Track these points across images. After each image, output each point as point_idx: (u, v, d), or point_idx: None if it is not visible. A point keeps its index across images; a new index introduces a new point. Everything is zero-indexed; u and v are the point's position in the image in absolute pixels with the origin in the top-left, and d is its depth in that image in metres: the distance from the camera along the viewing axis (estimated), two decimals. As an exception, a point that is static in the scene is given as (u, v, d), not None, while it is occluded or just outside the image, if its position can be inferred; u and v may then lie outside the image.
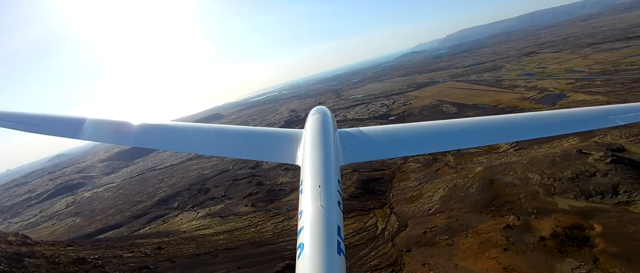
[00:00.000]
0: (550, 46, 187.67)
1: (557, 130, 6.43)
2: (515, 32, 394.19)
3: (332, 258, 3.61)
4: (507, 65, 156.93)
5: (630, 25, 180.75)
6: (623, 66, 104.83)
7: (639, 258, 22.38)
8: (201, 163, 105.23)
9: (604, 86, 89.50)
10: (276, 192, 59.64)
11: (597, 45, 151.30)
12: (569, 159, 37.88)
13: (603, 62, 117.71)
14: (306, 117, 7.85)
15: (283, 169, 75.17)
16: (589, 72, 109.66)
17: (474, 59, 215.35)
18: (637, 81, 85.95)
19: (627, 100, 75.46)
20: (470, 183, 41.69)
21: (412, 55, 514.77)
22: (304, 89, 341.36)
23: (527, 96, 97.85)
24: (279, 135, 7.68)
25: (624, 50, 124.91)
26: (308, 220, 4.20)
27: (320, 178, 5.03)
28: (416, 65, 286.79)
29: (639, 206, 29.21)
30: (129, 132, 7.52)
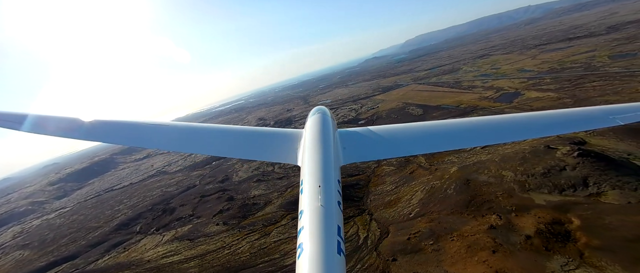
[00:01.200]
0: (501, 48, 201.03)
1: (557, 130, 6.43)
2: (467, 37, 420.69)
3: (332, 258, 3.58)
4: (464, 67, 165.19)
5: (570, 28, 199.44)
6: (568, 64, 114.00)
7: (621, 249, 22.81)
8: (164, 180, 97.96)
9: (553, 83, 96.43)
10: (249, 207, 56.15)
11: (542, 46, 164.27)
12: (538, 155, 39.13)
13: (550, 61, 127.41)
14: (305, 117, 7.91)
15: (255, 181, 71.73)
16: (538, 71, 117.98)
17: (433, 63, 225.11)
18: (582, 77, 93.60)
19: (576, 94, 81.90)
20: (448, 185, 41.69)
21: (374, 60, 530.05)
22: (271, 97, 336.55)
23: (485, 95, 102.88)
24: (279, 135, 7.63)
25: (567, 50, 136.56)
26: (308, 220, 4.17)
27: (320, 178, 5.01)
28: (380, 69, 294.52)
29: (609, 197, 30.38)
30: (129, 132, 7.50)
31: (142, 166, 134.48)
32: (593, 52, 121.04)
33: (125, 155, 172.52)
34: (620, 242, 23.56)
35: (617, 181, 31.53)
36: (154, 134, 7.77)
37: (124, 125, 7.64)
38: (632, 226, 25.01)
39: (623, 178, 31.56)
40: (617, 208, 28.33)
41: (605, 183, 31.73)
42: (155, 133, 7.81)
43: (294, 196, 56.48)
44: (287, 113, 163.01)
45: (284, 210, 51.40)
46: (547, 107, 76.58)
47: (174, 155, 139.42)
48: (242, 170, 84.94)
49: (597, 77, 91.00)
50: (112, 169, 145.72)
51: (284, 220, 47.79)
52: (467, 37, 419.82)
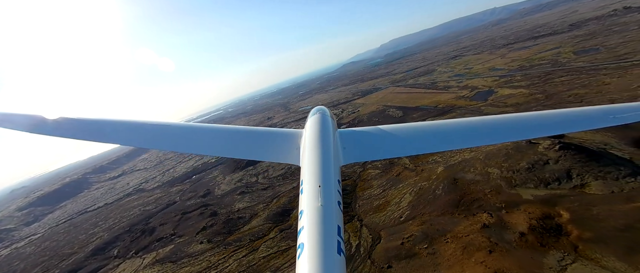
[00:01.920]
0: (472, 49, 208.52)
1: (557, 129, 6.42)
2: (439, 39, 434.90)
3: (332, 258, 3.57)
4: (439, 69, 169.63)
5: (534, 27, 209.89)
6: (536, 61, 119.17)
7: (613, 240, 23.03)
8: (142, 198, 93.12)
9: (524, 80, 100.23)
10: (234, 221, 53.78)
11: (511, 45, 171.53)
12: (521, 150, 39.76)
13: (518, 59, 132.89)
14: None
15: (238, 193, 69.34)
16: (509, 68, 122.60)
17: (409, 65, 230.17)
18: (550, 73, 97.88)
19: (546, 89, 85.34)
20: (436, 185, 41.55)
21: (352, 65, 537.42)
22: (250, 105, 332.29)
23: (461, 95, 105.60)
24: (279, 135, 7.61)
25: (534, 48, 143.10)
26: (308, 220, 4.17)
27: (320, 178, 5.03)
28: (357, 74, 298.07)
29: (592, 187, 31.02)
30: (129, 133, 7.50)
31: (117, 184, 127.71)
32: (558, 49, 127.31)
33: (99, 174, 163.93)
34: (611, 232, 23.82)
35: (598, 172, 32.33)
36: (154, 134, 7.74)
37: (124, 125, 7.67)
38: (619, 215, 25.44)
39: (604, 169, 32.41)
40: (602, 199, 28.89)
41: (588, 175, 32.45)
42: (155, 133, 7.76)
43: (281, 207, 54.81)
44: (267, 121, 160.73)
45: (271, 222, 49.55)
46: (521, 102, 79.45)
47: (151, 171, 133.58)
48: (224, 182, 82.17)
49: (564, 72, 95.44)
50: (85, 190, 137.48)
51: (271, 233, 45.94)
52: (439, 39, 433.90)
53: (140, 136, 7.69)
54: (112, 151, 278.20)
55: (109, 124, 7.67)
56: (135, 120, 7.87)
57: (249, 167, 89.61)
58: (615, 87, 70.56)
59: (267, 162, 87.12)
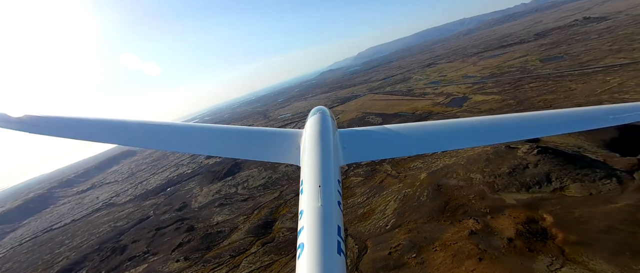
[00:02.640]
0: (445, 57, 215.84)
1: (557, 130, 6.46)
2: (413, 48, 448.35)
3: (332, 258, 3.58)
4: (415, 76, 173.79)
5: (502, 36, 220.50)
6: (505, 69, 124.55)
7: (598, 242, 23.32)
8: (113, 213, 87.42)
9: (495, 87, 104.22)
10: (213, 236, 51.10)
11: (481, 54, 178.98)
12: (501, 155, 40.42)
13: (489, 67, 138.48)
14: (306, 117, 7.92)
15: (217, 205, 66.44)
16: (481, 76, 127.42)
17: (386, 73, 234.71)
18: (520, 80, 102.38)
19: (517, 95, 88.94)
20: (420, 192, 41.35)
21: (330, 72, 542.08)
22: (227, 114, 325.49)
23: (437, 101, 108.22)
24: (279, 135, 7.63)
25: (503, 56, 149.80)
26: (308, 220, 4.17)
27: (320, 178, 5.03)
28: (336, 81, 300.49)
29: (572, 190, 31.74)
30: (129, 133, 7.52)
31: (85, 199, 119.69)
32: (526, 57, 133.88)
33: (66, 188, 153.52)
34: (594, 235, 24.16)
35: (576, 174, 33.22)
36: (154, 134, 7.70)
37: (124, 124, 7.67)
38: (601, 217, 25.96)
39: (581, 171, 33.35)
40: (581, 201, 29.53)
41: (566, 178, 33.26)
42: (155, 133, 7.73)
43: (262, 218, 52.79)
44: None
45: (252, 235, 47.41)
46: (494, 108, 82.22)
47: (123, 184, 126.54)
48: (202, 194, 78.76)
49: (532, 78, 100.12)
50: (50, 205, 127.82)
51: (253, 248, 43.85)
52: (414, 48, 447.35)
53: (140, 136, 7.63)
54: (79, 163, 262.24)
55: (110, 124, 7.68)
56: (135, 121, 7.86)
57: (228, 177, 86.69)
58: (580, 93, 74.46)
59: (245, 175, 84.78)
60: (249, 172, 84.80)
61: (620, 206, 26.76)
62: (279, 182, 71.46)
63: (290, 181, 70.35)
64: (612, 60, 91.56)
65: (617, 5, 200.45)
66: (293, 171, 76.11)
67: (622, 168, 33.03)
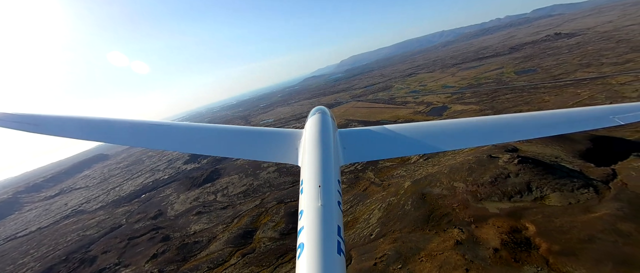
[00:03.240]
0: (425, 67, 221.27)
1: (558, 129, 6.29)
2: (395, 57, 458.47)
3: (332, 258, 3.58)
4: (396, 85, 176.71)
5: (479, 49, 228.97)
6: (483, 80, 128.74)
7: (581, 251, 23.52)
8: (82, 221, 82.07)
9: (473, 97, 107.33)
10: (190, 247, 48.59)
11: (459, 65, 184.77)
12: (483, 164, 40.88)
13: (467, 77, 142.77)
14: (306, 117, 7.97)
15: (194, 214, 63.66)
16: (459, 86, 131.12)
17: (368, 81, 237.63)
18: (496, 91, 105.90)
19: (494, 106, 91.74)
20: (404, 200, 41.02)
21: (313, 79, 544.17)
22: (207, 118, 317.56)
23: (418, 110, 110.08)
24: (279, 134, 7.61)
25: (480, 68, 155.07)
26: (308, 220, 4.17)
27: (320, 178, 5.00)
28: (319, 88, 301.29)
29: (552, 199, 32.29)
30: (129, 132, 7.54)
31: (53, 205, 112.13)
32: (501, 69, 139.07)
33: (32, 193, 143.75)
34: (577, 244, 24.41)
35: (555, 184, 33.92)
36: (154, 134, 7.72)
37: (124, 124, 7.69)
38: (581, 226, 26.36)
39: (560, 181, 34.10)
40: (562, 210, 30.02)
41: (546, 187, 33.89)
42: (155, 133, 7.76)
43: (242, 228, 50.85)
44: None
45: (232, 246, 45.40)
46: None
47: (94, 190, 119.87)
48: (179, 201, 75.45)
49: (508, 90, 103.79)
50: (15, 211, 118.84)
51: (233, 259, 41.90)
52: (395, 57, 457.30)
53: (140, 136, 7.58)
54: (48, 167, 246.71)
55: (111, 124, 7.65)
56: (135, 120, 7.86)
57: (207, 183, 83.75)
58: (554, 104, 77.61)
59: (225, 181, 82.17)
60: (229, 179, 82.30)
61: (600, 215, 27.33)
62: (260, 189, 69.60)
63: (272, 188, 68.69)
64: (582, 74, 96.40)
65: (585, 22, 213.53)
66: (275, 178, 74.53)
67: (598, 178, 34.06)
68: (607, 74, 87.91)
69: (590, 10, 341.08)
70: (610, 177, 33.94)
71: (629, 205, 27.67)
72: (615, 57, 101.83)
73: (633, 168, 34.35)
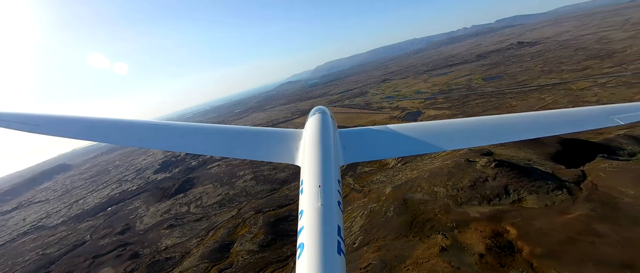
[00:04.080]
0: (398, 73, 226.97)
1: (558, 129, 6.35)
2: (369, 64, 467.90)
3: (332, 257, 3.58)
4: (371, 91, 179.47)
5: (448, 56, 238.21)
6: (453, 86, 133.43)
7: (562, 253, 23.90)
8: (41, 238, 75.08)
9: (445, 102, 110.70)
10: (161, 264, 45.33)
11: (430, 72, 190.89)
12: (462, 169, 41.42)
13: (438, 83, 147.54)
14: (306, 117, 8.14)
15: (166, 227, 59.99)
16: (431, 92, 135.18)
17: (344, 87, 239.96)
18: (466, 96, 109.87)
19: (465, 110, 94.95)
20: (386, 207, 40.62)
21: (289, 84, 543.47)
22: None
23: (393, 115, 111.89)
24: (279, 134, 7.61)
25: (450, 75, 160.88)
26: (308, 220, 4.19)
27: (320, 178, 5.01)
28: (295, 93, 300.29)
29: (529, 202, 33.03)
30: (128, 132, 7.53)
31: (10, 221, 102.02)
32: (470, 76, 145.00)
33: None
34: (558, 246, 24.84)
35: (531, 186, 34.81)
36: (154, 134, 7.66)
37: (124, 124, 7.70)
38: (560, 228, 26.96)
39: (535, 183, 35.06)
40: (539, 213, 30.71)
41: (523, 190, 34.70)
42: (155, 133, 7.70)
43: (218, 241, 48.33)
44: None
45: (207, 261, 42.81)
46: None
47: (55, 203, 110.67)
48: (148, 214, 70.97)
49: (477, 95, 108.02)
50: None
51: (209, 275, 39.42)
52: (369, 64, 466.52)
53: (140, 136, 7.52)
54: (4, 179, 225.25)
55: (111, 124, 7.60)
56: (134, 120, 7.87)
57: (179, 194, 79.65)
58: (520, 109, 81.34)
59: (198, 191, 78.56)
60: (203, 188, 78.75)
61: (575, 216, 28.15)
62: (237, 199, 67.00)
63: (249, 197, 66.34)
64: (545, 80, 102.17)
65: (545, 32, 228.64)
66: (252, 186, 72.15)
67: (569, 179, 35.36)
68: (568, 80, 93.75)
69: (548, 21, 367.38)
70: (580, 178, 35.35)
71: (601, 206, 28.76)
72: (574, 64, 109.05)
73: (601, 169, 36.02)
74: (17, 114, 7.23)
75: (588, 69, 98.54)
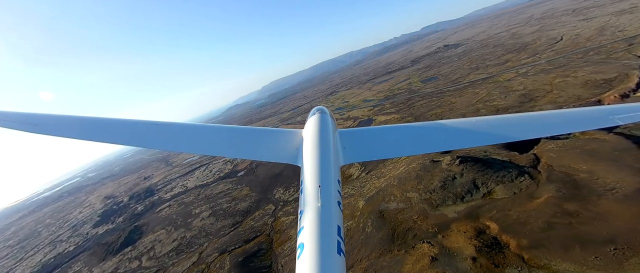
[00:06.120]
0: (343, 85, 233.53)
1: (558, 130, 6.39)
2: (314, 79, 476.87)
3: (332, 258, 3.61)
4: (321, 104, 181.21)
5: (386, 64, 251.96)
6: (396, 91, 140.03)
7: (547, 241, 24.13)
8: None
9: (392, 107, 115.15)
10: None
11: (373, 80, 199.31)
12: (429, 170, 41.62)
13: (383, 90, 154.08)
14: (306, 118, 8.04)
15: None
16: (378, 99, 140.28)
17: (293, 104, 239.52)
18: (410, 99, 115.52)
19: (412, 112, 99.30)
20: (363, 222, 38.85)
21: (237, 107, 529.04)
22: (118, 166, 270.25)
23: (347, 125, 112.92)
24: (279, 134, 7.57)
25: (391, 81, 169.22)
26: (308, 220, 4.22)
27: (320, 178, 5.08)
28: (245, 116, 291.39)
29: (498, 193, 33.83)
30: (129, 132, 7.55)
31: None
32: (409, 80, 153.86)
33: None
34: (540, 234, 25.13)
35: (496, 177, 35.90)
36: (154, 134, 7.59)
37: (124, 124, 7.67)
38: (535, 215, 27.59)
39: (499, 174, 36.25)
40: (511, 202, 31.44)
41: (490, 182, 35.61)
42: (155, 133, 7.63)
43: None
44: (145, 182, 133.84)
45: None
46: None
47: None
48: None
49: (420, 97, 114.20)
50: None
51: None
52: (314, 79, 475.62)
53: (140, 136, 7.44)
54: None
55: (111, 123, 7.61)
56: (134, 120, 7.77)
57: (126, 247, 69.53)
58: (461, 104, 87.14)
59: (149, 240, 69.52)
60: (155, 236, 69.77)
61: (545, 199, 29.19)
62: (196, 241, 60.18)
63: (210, 237, 60.06)
64: (475, 76, 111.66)
65: (465, 34, 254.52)
66: (211, 224, 65.80)
67: (526, 164, 37.29)
68: (494, 73, 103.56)
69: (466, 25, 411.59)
70: (535, 161, 37.48)
71: (563, 186, 30.31)
72: (496, 59, 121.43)
73: (549, 150, 38.66)
74: (17, 113, 7.17)
75: (509, 62, 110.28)
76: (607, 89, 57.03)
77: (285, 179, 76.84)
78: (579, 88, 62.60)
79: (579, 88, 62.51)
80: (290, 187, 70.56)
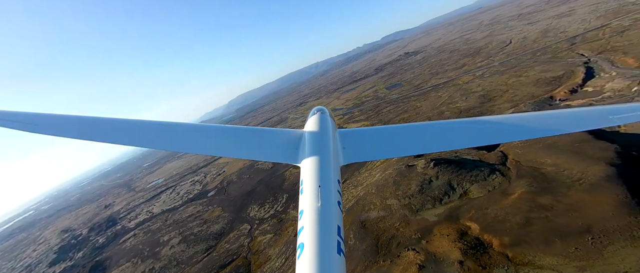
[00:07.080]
0: (312, 95, 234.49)
1: (557, 130, 6.33)
2: (282, 91, 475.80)
3: (332, 258, 3.61)
4: (291, 116, 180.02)
5: (351, 73, 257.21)
6: (363, 98, 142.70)
7: (528, 237, 24.51)
8: None
9: (361, 114, 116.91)
10: None
11: (340, 89, 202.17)
12: (405, 175, 41.74)
13: (350, 98, 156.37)
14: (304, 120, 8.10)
15: None
16: (347, 107, 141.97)
17: (262, 117, 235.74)
18: (378, 106, 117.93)
19: (382, 118, 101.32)
20: (345, 234, 37.76)
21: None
22: (75, 195, 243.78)
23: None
24: (278, 134, 7.61)
25: (358, 89, 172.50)
26: (308, 220, 4.22)
27: (320, 178, 5.07)
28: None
29: (474, 192, 34.45)
30: (129, 132, 7.46)
31: None
32: (375, 87, 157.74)
33: None
34: (520, 231, 25.58)
35: (470, 177, 36.67)
36: (154, 134, 7.48)
37: (124, 124, 7.58)
38: (512, 211, 28.19)
39: (472, 173, 37.09)
40: (487, 200, 32.06)
41: (465, 182, 36.27)
42: (155, 132, 7.53)
43: None
44: (106, 210, 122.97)
45: None
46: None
47: None
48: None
49: (387, 103, 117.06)
50: None
51: None
52: (281, 91, 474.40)
53: (139, 135, 7.34)
54: None
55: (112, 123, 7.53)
56: (133, 120, 7.73)
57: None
58: (426, 108, 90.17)
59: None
60: (119, 270, 63.82)
61: (518, 195, 30.04)
62: (167, 272, 55.57)
63: (181, 266, 55.85)
64: (436, 80, 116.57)
65: (422, 41, 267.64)
66: (181, 251, 61.41)
67: (496, 162, 38.59)
68: (453, 77, 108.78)
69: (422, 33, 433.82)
70: (503, 158, 38.91)
71: (534, 180, 31.47)
72: (453, 64, 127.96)
73: (515, 146, 40.41)
74: (16, 113, 7.05)
75: (465, 65, 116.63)
76: (557, 85, 61.58)
77: (258, 196, 74.17)
78: (531, 86, 67.05)
79: (532, 86, 66.97)
80: (265, 203, 68.08)
